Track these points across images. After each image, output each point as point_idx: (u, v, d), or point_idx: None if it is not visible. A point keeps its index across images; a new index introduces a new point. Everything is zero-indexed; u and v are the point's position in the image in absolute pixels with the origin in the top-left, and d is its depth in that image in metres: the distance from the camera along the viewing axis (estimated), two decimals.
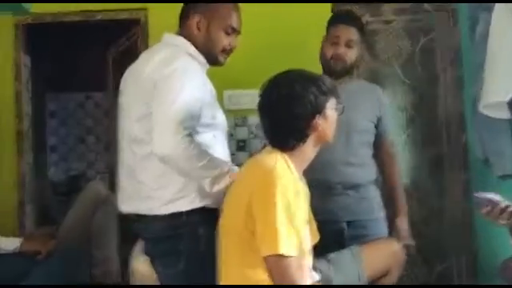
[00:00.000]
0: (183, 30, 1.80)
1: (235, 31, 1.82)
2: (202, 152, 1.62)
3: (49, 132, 5.02)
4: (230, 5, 1.82)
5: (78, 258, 2.36)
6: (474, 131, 2.75)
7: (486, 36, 2.34)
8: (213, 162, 1.64)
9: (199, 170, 1.61)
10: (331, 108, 1.51)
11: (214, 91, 1.78)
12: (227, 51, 1.82)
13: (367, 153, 2.08)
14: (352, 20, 2.09)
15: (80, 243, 2.34)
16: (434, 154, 3.06)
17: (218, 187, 1.63)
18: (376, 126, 2.10)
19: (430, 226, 3.01)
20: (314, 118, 1.47)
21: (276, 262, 1.34)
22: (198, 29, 1.77)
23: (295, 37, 2.93)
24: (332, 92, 1.52)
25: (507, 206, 1.54)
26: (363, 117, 2.06)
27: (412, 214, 2.22)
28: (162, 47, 1.77)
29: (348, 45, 2.04)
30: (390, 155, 2.14)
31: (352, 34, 2.04)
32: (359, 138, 2.04)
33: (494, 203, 1.56)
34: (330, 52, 2.04)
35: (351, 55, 2.05)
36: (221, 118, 1.80)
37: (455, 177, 3.04)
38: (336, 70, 2.06)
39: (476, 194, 1.65)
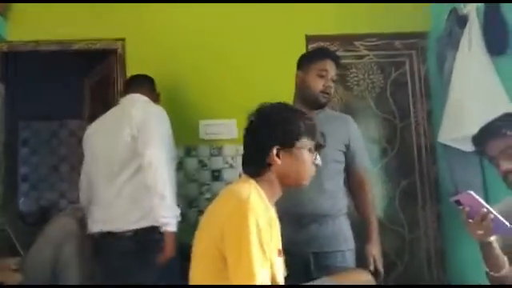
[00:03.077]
0: (145, 93, 2.47)
1: None
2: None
3: (21, 161, 4.91)
4: None
5: None
6: (445, 163, 2.81)
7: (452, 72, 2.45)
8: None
9: (169, 186, 2.13)
10: (302, 148, 1.48)
11: None
12: None
13: (337, 184, 2.09)
14: (336, 57, 2.22)
15: (46, 276, 2.25)
16: (406, 186, 3.12)
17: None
18: (345, 155, 2.13)
19: (403, 257, 3.03)
20: (271, 149, 1.45)
21: None
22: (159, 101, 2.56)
23: (270, 70, 3.00)
24: (309, 133, 1.49)
25: (487, 212, 1.38)
26: (331, 146, 2.06)
27: (385, 245, 2.22)
28: (136, 101, 2.41)
29: (332, 79, 2.14)
30: (361, 183, 2.14)
31: (335, 69, 2.16)
32: (327, 168, 2.02)
33: (474, 202, 1.38)
34: (319, 85, 2.10)
35: (332, 89, 2.16)
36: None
37: (427, 208, 3.09)
38: (322, 102, 2.13)
39: (452, 198, 1.47)
